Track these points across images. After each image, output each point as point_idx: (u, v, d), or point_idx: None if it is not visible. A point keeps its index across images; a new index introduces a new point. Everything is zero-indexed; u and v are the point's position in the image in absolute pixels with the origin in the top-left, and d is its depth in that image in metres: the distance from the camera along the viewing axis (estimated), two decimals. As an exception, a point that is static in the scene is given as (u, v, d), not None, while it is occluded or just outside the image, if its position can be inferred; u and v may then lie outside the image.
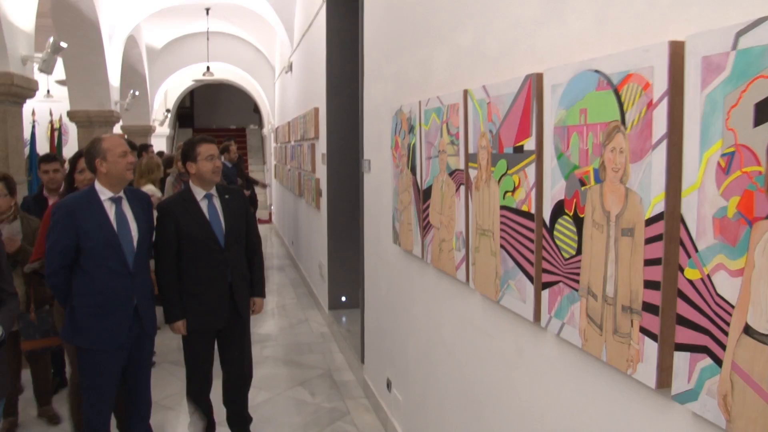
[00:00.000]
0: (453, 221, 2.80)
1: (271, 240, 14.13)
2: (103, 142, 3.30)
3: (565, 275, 1.90)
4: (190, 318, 3.66)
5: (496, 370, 2.51)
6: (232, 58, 15.46)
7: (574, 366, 1.94)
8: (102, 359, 3.33)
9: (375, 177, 4.47)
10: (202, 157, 3.64)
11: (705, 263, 1.34)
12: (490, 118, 2.36)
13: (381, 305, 4.43)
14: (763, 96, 1.19)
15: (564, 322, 1.92)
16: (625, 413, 1.69)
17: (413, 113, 3.30)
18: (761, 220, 1.21)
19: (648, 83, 1.50)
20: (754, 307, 1.23)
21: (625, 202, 1.60)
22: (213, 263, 3.65)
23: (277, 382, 5.26)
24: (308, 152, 8.15)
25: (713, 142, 1.31)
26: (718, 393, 1.31)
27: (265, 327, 7.03)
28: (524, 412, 2.29)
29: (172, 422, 4.41)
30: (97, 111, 9.19)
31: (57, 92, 12.75)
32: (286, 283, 9.41)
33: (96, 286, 3.26)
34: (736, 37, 1.24)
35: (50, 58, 6.38)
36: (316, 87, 7.49)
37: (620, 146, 1.61)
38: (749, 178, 1.23)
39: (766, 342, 1.20)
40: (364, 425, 4.41)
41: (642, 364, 1.55)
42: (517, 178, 2.18)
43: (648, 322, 1.53)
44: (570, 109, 1.84)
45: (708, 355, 1.34)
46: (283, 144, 12.09)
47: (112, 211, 3.31)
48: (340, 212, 6.88)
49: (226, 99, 23.31)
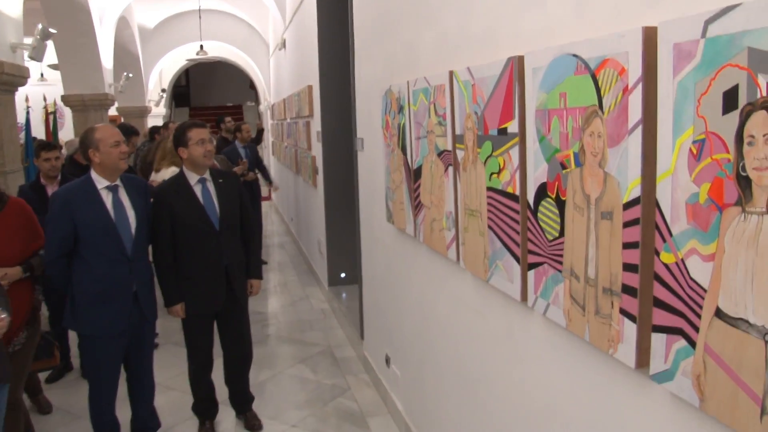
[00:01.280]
0: (443, 201, 2.83)
1: (271, 217, 14.17)
2: (95, 133, 3.32)
3: (550, 256, 1.94)
4: (188, 301, 3.72)
5: (488, 347, 2.56)
6: (225, 36, 15.35)
7: (559, 345, 1.98)
8: (103, 345, 3.40)
9: (368, 155, 4.48)
10: (193, 142, 3.65)
11: (679, 248, 1.37)
12: (475, 100, 2.37)
13: (378, 282, 4.48)
14: (730, 84, 1.21)
15: (549, 302, 1.95)
16: (608, 392, 1.73)
17: (402, 93, 3.31)
18: (730, 207, 1.23)
19: (623, 68, 1.52)
20: (724, 292, 1.26)
21: (604, 186, 1.62)
22: (208, 247, 3.69)
23: (278, 360, 5.33)
24: (303, 130, 8.16)
25: (685, 128, 1.33)
26: (692, 373, 1.35)
27: (267, 305, 7.10)
28: (514, 388, 2.33)
29: (176, 403, 4.47)
30: (92, 95, 9.16)
31: (51, 75, 12.70)
32: (286, 260, 9.46)
33: (95, 274, 3.31)
34: (705, 25, 1.26)
35: (40, 45, 6.35)
36: (310, 65, 7.46)
37: (598, 131, 1.63)
38: (719, 165, 1.25)
39: (735, 325, 1.23)
40: (365, 400, 4.48)
41: (622, 345, 1.59)
42: (502, 160, 2.20)
43: (627, 303, 1.56)
44: (550, 93, 1.85)
45: (683, 337, 1.37)
46: (279, 121, 12.08)
47: (108, 199, 3.34)
48: (336, 190, 6.91)
49: (222, 76, 23.20)
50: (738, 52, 1.18)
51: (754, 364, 1.20)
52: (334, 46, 6.51)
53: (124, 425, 3.72)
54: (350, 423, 4.16)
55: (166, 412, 4.15)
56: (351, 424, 4.14)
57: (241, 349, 4.02)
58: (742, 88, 1.18)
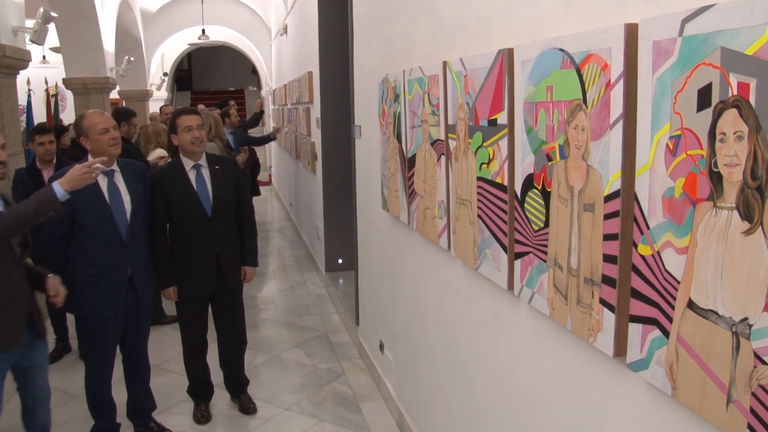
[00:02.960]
0: (435, 190, 2.86)
1: (271, 202, 14.21)
2: (83, 121, 3.36)
3: (535, 246, 1.97)
4: (180, 285, 3.78)
5: (478, 334, 2.60)
6: (227, 21, 15.32)
7: (544, 333, 2.02)
8: (99, 328, 3.45)
9: (365, 143, 4.52)
10: (181, 129, 3.69)
11: (655, 240, 1.41)
12: (467, 91, 2.40)
13: (373, 269, 4.52)
14: (705, 83, 1.24)
15: (534, 291, 1.99)
16: (589, 379, 1.78)
17: (398, 82, 3.34)
18: (703, 201, 1.27)
19: (606, 64, 1.55)
20: (696, 284, 1.30)
21: (587, 178, 1.66)
22: (200, 233, 3.73)
23: (275, 344, 5.39)
24: (303, 116, 8.17)
25: (662, 124, 1.36)
26: (666, 362, 1.39)
27: (265, 290, 7.15)
28: (503, 375, 2.38)
29: (172, 385, 4.53)
30: (93, 78, 9.16)
31: (53, 58, 12.69)
32: (285, 245, 9.51)
33: (91, 257, 3.35)
34: (682, 23, 1.28)
35: (41, 29, 6.36)
36: (310, 51, 7.47)
37: (582, 124, 1.66)
38: (693, 160, 1.28)
39: (706, 316, 1.27)
40: (359, 385, 4.54)
41: (602, 334, 1.63)
42: (491, 151, 2.23)
43: (607, 294, 1.60)
44: (538, 86, 1.88)
45: (657, 327, 1.41)
46: (280, 106, 12.09)
47: (104, 184, 3.38)
48: (335, 176, 6.94)
49: (225, 61, 23.16)
50: (712, 51, 1.21)
51: (722, 353, 1.24)
52: (335, 32, 6.51)
53: (121, 406, 3.78)
54: (344, 407, 4.22)
55: (161, 394, 4.21)
56: (344, 408, 4.20)
57: (234, 333, 4.08)
58: (716, 86, 1.21)
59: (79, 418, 3.95)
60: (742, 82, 1.15)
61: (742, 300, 1.18)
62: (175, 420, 4.06)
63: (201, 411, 4.08)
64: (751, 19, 1.11)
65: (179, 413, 4.16)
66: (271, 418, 4.10)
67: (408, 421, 3.71)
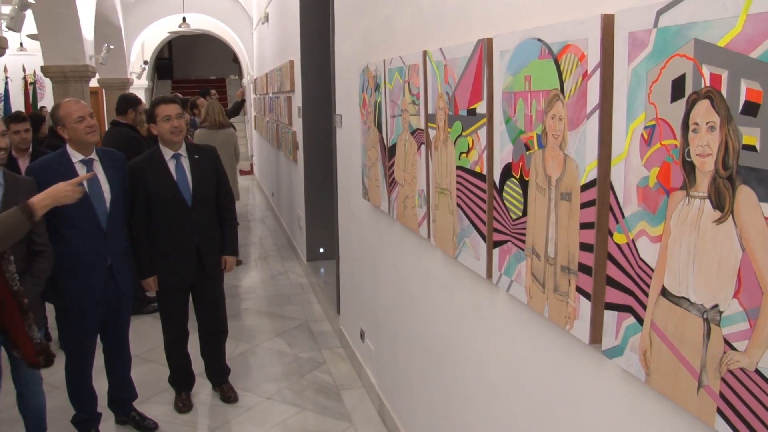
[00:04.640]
0: (415, 179, 2.88)
1: (253, 191, 14.16)
2: (59, 110, 3.35)
3: (513, 235, 1.99)
4: (160, 275, 3.77)
5: (457, 323, 2.62)
6: (209, 9, 15.19)
7: (522, 321, 2.04)
8: (79, 317, 3.43)
9: (346, 132, 4.51)
10: (160, 119, 3.67)
11: (630, 229, 1.43)
12: (447, 81, 2.41)
13: (354, 258, 4.53)
14: (678, 74, 1.25)
15: (512, 279, 2.01)
16: (566, 366, 1.80)
17: (379, 71, 3.34)
18: (676, 191, 1.29)
19: (583, 54, 1.56)
20: (669, 272, 1.32)
21: (564, 167, 1.68)
22: (180, 223, 3.72)
23: (256, 334, 5.39)
24: (285, 105, 8.15)
25: (638, 114, 1.38)
26: (640, 349, 1.41)
27: (247, 279, 7.15)
28: (481, 363, 2.40)
29: (153, 374, 4.52)
30: (72, 66, 9.05)
31: (31, 45, 12.53)
32: (266, 234, 9.50)
33: (70, 247, 3.32)
34: (657, 15, 1.30)
35: (18, 15, 6.28)
36: (291, 40, 7.44)
37: (559, 114, 1.68)
38: (667, 150, 1.30)
39: (678, 303, 1.30)
40: (339, 374, 4.56)
41: (578, 321, 1.65)
42: (470, 140, 2.24)
43: (583, 282, 1.62)
44: (516, 76, 1.90)
45: (632, 315, 1.44)
46: (261, 95, 12.03)
47: (83, 173, 3.35)
48: (316, 165, 6.93)
49: (206, 49, 22.97)
50: (685, 43, 1.23)
51: (693, 340, 1.26)
52: (316, 21, 6.49)
53: (101, 396, 3.77)
54: (324, 396, 4.24)
55: (142, 383, 4.20)
56: (325, 397, 4.22)
57: (215, 323, 4.08)
58: (689, 77, 1.23)
59: (60, 408, 3.93)
60: (715, 74, 1.17)
61: (713, 287, 1.21)
62: (157, 409, 4.05)
63: (182, 400, 4.08)
64: (723, 11, 1.13)
65: (160, 402, 4.16)
66: (253, 407, 4.11)
67: (389, 408, 3.74)
